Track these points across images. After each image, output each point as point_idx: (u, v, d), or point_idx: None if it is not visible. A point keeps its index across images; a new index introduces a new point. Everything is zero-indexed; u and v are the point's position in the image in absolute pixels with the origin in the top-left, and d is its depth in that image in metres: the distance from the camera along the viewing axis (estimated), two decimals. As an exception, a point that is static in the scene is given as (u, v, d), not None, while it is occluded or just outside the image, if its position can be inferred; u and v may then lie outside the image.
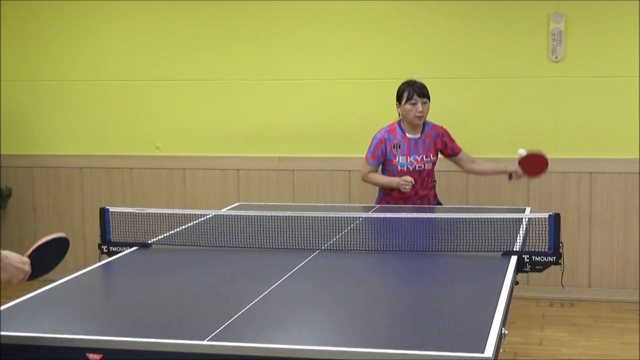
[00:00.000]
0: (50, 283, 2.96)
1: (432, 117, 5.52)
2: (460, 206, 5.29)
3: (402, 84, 4.73)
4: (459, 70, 5.53)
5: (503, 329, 2.45)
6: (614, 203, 5.43)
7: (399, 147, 4.67)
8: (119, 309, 2.74)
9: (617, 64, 5.34)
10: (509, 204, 5.44)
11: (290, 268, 3.15)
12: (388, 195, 4.74)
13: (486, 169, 4.95)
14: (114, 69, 5.98)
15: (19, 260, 2.37)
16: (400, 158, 4.67)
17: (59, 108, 6.09)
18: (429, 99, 4.69)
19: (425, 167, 4.72)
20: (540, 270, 3.37)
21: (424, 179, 4.75)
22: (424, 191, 4.76)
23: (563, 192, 5.48)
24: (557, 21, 5.33)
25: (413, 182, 4.60)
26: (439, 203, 4.93)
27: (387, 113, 5.47)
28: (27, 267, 2.40)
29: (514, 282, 3.17)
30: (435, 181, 4.89)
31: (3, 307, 2.63)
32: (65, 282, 3.02)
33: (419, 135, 4.72)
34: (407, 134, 4.71)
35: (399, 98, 4.70)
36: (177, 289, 2.94)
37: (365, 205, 4.79)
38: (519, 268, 3.32)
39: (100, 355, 2.28)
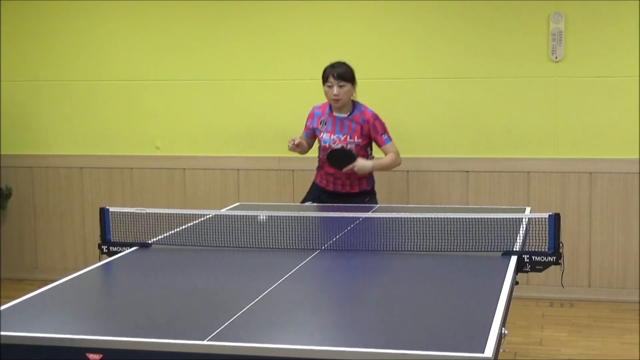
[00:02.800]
0: (50, 283, 2.95)
1: (432, 117, 5.53)
2: (460, 206, 5.30)
3: (327, 65, 4.84)
4: (459, 70, 5.53)
5: (503, 329, 2.45)
6: (614, 203, 5.43)
7: (325, 123, 4.86)
8: (119, 309, 2.73)
9: (617, 64, 5.34)
10: (509, 204, 5.44)
11: (290, 268, 3.14)
12: (321, 169, 4.93)
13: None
14: (114, 69, 5.99)
15: None
16: (324, 135, 4.85)
17: (59, 108, 6.10)
18: (349, 82, 4.76)
19: (348, 147, 4.79)
20: (540, 270, 3.37)
21: None
22: (351, 170, 4.78)
23: (563, 192, 5.48)
24: (557, 21, 5.33)
25: (294, 141, 4.79)
26: (372, 190, 4.95)
27: (387, 113, 5.46)
28: None
29: (514, 282, 3.17)
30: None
31: (3, 307, 2.63)
32: (65, 282, 3.02)
33: (346, 115, 4.82)
34: (333, 113, 4.85)
35: (322, 78, 4.83)
36: (177, 289, 2.94)
37: (365, 205, 4.79)
38: (519, 268, 3.32)
39: (100, 355, 2.28)
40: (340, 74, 4.75)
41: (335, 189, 4.90)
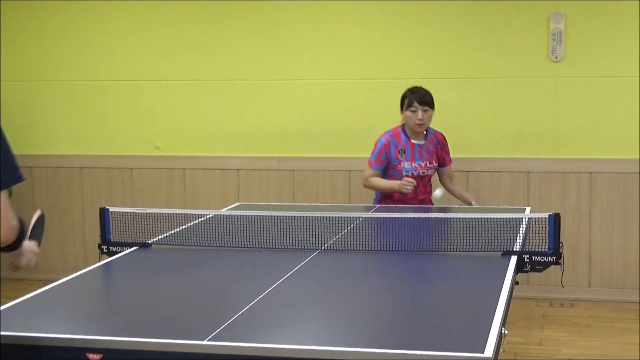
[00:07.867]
0: (50, 283, 2.95)
1: (433, 117, 5.51)
2: (461, 206, 5.29)
3: (406, 90, 4.71)
4: (459, 70, 5.53)
5: (503, 329, 2.45)
6: (614, 203, 5.43)
7: (404, 152, 4.67)
8: (119, 309, 2.74)
9: (617, 64, 5.33)
10: (509, 204, 5.44)
11: (290, 268, 3.15)
12: (388, 198, 4.73)
13: (456, 193, 4.93)
14: (114, 69, 5.98)
15: (31, 245, 2.64)
16: (405, 163, 4.67)
17: (59, 108, 6.10)
18: (431, 107, 4.66)
19: (428, 173, 4.74)
20: (540, 270, 3.37)
21: (425, 184, 4.78)
22: (423, 195, 4.77)
23: (563, 192, 5.48)
24: (557, 21, 5.33)
25: (415, 183, 4.55)
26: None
27: (387, 113, 5.46)
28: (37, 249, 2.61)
29: (514, 282, 3.17)
30: (431, 185, 4.90)
31: (3, 307, 2.63)
32: (65, 282, 3.03)
33: (423, 141, 4.73)
34: (411, 140, 4.71)
35: (401, 104, 4.69)
36: (177, 289, 2.94)
37: (365, 205, 4.79)
38: (519, 268, 3.32)
39: (100, 355, 2.28)
40: (424, 99, 4.62)
41: None
